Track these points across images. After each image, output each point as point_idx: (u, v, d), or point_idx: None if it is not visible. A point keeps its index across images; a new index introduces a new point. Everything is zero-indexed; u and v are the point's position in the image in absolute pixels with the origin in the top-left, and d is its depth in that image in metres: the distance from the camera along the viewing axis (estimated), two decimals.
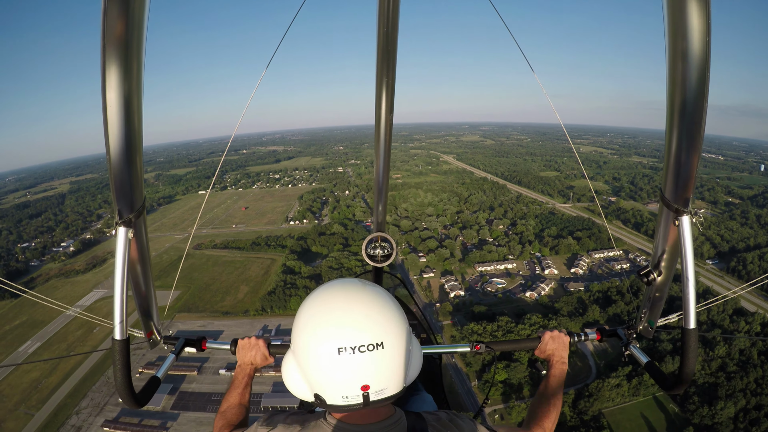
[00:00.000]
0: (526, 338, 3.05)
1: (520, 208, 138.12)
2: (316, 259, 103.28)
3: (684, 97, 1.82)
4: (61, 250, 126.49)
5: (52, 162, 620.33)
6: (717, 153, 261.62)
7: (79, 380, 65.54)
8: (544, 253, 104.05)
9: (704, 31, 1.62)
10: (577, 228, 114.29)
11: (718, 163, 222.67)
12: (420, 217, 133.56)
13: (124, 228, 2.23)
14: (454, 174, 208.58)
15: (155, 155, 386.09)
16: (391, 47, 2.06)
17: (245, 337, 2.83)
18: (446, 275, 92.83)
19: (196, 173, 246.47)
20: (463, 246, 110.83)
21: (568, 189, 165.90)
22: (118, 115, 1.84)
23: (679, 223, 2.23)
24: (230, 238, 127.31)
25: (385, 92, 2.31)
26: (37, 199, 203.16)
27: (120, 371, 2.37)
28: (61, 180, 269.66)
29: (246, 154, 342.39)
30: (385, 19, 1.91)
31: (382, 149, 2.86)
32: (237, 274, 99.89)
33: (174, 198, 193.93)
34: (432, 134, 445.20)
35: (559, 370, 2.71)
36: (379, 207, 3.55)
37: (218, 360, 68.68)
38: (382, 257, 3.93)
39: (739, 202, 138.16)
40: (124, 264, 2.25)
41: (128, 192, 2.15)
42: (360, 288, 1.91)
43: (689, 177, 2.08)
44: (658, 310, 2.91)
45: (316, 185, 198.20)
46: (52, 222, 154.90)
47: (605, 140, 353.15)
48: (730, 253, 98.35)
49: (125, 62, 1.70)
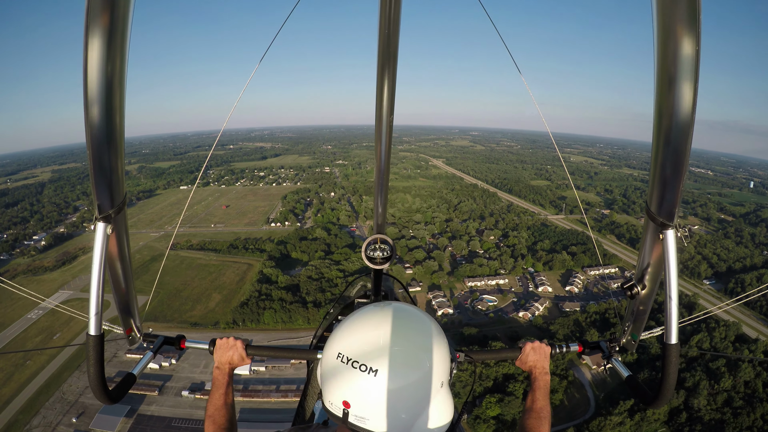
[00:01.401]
0: (507, 348, 3.06)
1: (512, 219, 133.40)
2: (295, 267, 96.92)
3: (671, 111, 1.81)
4: (32, 244, 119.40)
5: (39, 148, 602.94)
6: (706, 168, 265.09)
7: (34, 392, 60.26)
8: (537, 269, 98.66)
9: (693, 51, 1.61)
10: (571, 242, 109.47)
11: (707, 179, 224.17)
12: (407, 224, 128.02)
13: (103, 223, 2.23)
14: (443, 179, 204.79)
15: (141, 146, 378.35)
16: (393, 49, 2.04)
17: (224, 337, 2.84)
18: (434, 290, 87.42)
19: (179, 167, 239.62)
20: (452, 258, 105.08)
21: (560, 200, 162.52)
22: (100, 108, 1.81)
23: (664, 237, 2.24)
24: (207, 238, 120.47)
25: (386, 93, 2.30)
26: (16, 187, 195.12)
27: (93, 366, 2.36)
28: (44, 168, 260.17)
29: (233, 149, 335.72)
30: (386, 20, 1.90)
31: (383, 150, 2.78)
32: (210, 279, 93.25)
33: (154, 192, 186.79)
34: (422, 137, 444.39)
35: (543, 381, 2.67)
36: (379, 209, 3.48)
37: (182, 379, 62.66)
38: (381, 259, 3.78)
39: (733, 220, 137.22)
40: (102, 260, 2.26)
41: (109, 187, 2.14)
42: (407, 318, 2.01)
43: (675, 191, 2.08)
44: (642, 324, 2.92)
45: (301, 185, 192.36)
46: (27, 212, 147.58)
47: (595, 150, 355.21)
48: (727, 273, 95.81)
49: (109, 53, 1.68)
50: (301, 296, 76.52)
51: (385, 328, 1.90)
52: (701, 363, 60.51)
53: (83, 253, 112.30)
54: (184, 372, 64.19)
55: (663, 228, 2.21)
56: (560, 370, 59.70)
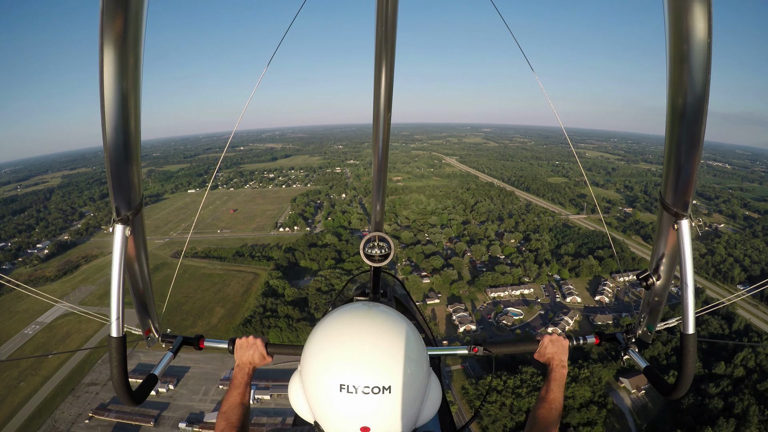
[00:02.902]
0: (525, 341, 3.02)
1: (532, 220, 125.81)
2: (304, 276, 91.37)
3: (684, 99, 1.81)
4: (35, 252, 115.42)
5: (51, 154, 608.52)
6: (723, 161, 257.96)
7: (26, 419, 56.20)
8: (563, 276, 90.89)
9: (705, 32, 1.60)
10: (597, 245, 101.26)
11: (726, 172, 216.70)
12: (422, 227, 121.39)
13: (121, 226, 2.25)
14: (457, 178, 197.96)
15: (152, 149, 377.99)
16: (389, 45, 2.04)
17: (243, 337, 2.82)
18: (453, 302, 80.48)
19: (189, 170, 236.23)
20: (472, 264, 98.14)
21: (579, 198, 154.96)
22: (116, 113, 1.84)
23: (679, 227, 2.23)
24: (213, 245, 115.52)
25: (384, 90, 2.30)
26: (26, 193, 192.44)
27: (117, 368, 2.38)
28: (54, 173, 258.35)
29: (243, 151, 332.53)
30: (383, 17, 1.90)
31: (380, 148, 2.82)
32: (214, 291, 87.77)
33: (161, 196, 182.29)
34: (433, 135, 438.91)
35: (560, 374, 2.67)
36: (377, 207, 3.52)
37: (179, 408, 57.29)
38: (380, 257, 3.82)
39: (759, 217, 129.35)
40: (121, 262, 2.27)
41: (126, 190, 2.17)
42: (378, 318, 1.93)
43: (689, 181, 2.07)
44: (658, 315, 2.90)
45: (312, 186, 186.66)
46: (33, 220, 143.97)
47: (609, 145, 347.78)
48: (761, 276, 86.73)
49: (123, 59, 1.70)
50: (309, 312, 70.67)
51: (370, 339, 1.81)
52: (748, 385, 53.87)
53: (86, 261, 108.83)
54: (182, 399, 58.82)
55: (677, 218, 2.20)
56: (598, 397, 53.28)
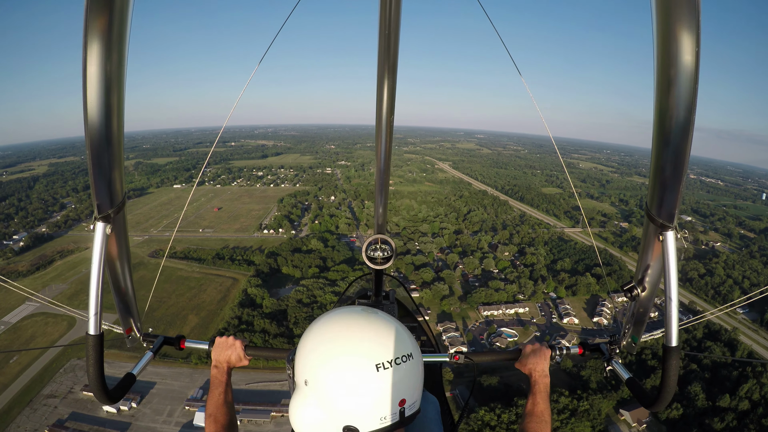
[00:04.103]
0: (506, 350, 3.09)
1: (527, 232, 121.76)
2: (285, 284, 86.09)
3: (671, 119, 1.81)
4: (10, 244, 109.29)
5: (41, 140, 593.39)
6: (715, 177, 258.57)
7: None
8: (560, 294, 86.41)
9: (693, 57, 1.61)
10: (594, 262, 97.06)
11: (719, 189, 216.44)
12: (413, 236, 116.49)
13: (102, 223, 2.22)
14: (450, 184, 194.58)
15: (143, 141, 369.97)
16: (393, 49, 2.04)
17: (224, 336, 2.83)
18: (444, 320, 75.71)
19: (177, 164, 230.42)
20: (464, 278, 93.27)
21: (574, 210, 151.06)
22: (99, 109, 1.81)
23: (664, 238, 2.22)
24: (193, 245, 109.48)
25: (387, 94, 2.30)
26: (10, 180, 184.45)
27: (93, 366, 2.34)
28: (42, 161, 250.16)
29: (234, 146, 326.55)
30: (386, 21, 1.90)
31: (383, 151, 2.82)
32: (190, 296, 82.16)
33: (146, 191, 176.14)
34: (427, 139, 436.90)
35: (543, 384, 2.65)
36: (380, 209, 3.52)
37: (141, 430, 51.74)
38: (382, 259, 3.81)
39: (755, 237, 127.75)
40: (101, 260, 2.24)
41: (108, 187, 2.14)
42: (367, 311, 1.96)
43: (675, 193, 2.06)
44: (642, 326, 2.90)
45: (300, 187, 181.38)
46: (13, 209, 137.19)
47: (603, 156, 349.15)
48: (762, 302, 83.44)
49: (107, 54, 1.68)
50: (288, 326, 65.54)
51: (374, 322, 1.86)
52: (753, 420, 50.91)
53: (60, 257, 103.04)
54: (144, 419, 53.29)
55: (663, 229, 2.19)
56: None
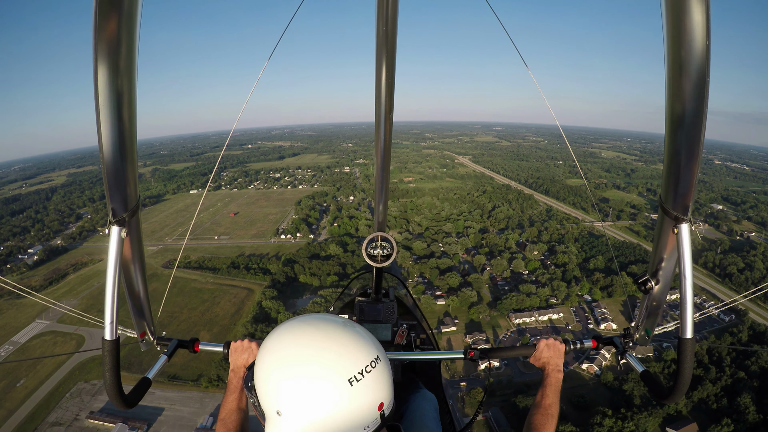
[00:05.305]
0: (521, 345, 3.09)
1: (555, 228, 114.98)
2: (303, 294, 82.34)
3: (683, 105, 1.79)
4: (24, 259, 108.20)
5: (60, 151, 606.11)
6: (740, 162, 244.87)
7: None
8: (595, 296, 79.64)
9: (704, 35, 1.57)
10: (629, 259, 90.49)
11: (745, 174, 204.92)
12: (436, 236, 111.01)
13: (117, 227, 2.24)
14: (472, 179, 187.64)
15: (161, 147, 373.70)
16: (390, 46, 2.02)
17: (239, 340, 2.84)
18: (473, 329, 69.94)
19: (194, 169, 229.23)
20: (492, 282, 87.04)
21: (602, 202, 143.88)
22: (111, 113, 1.83)
23: (678, 231, 2.22)
24: (208, 254, 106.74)
25: (385, 91, 2.31)
26: (29, 192, 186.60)
27: (109, 371, 2.37)
28: (61, 171, 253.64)
29: (250, 149, 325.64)
30: (384, 18, 1.88)
31: (382, 149, 2.85)
32: (202, 310, 78.89)
33: (162, 197, 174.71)
34: (444, 133, 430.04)
35: (555, 379, 2.71)
36: (380, 207, 3.52)
37: None
38: (382, 257, 3.86)
39: None
40: (116, 264, 2.26)
41: (122, 191, 2.16)
42: (320, 319, 1.89)
43: (689, 184, 2.05)
44: (656, 319, 2.91)
45: (318, 188, 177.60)
46: (30, 222, 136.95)
47: (624, 144, 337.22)
48: None
49: (117, 60, 1.70)
50: None
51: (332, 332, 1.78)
52: None
53: (74, 270, 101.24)
54: None
55: (677, 222, 2.19)
56: None
